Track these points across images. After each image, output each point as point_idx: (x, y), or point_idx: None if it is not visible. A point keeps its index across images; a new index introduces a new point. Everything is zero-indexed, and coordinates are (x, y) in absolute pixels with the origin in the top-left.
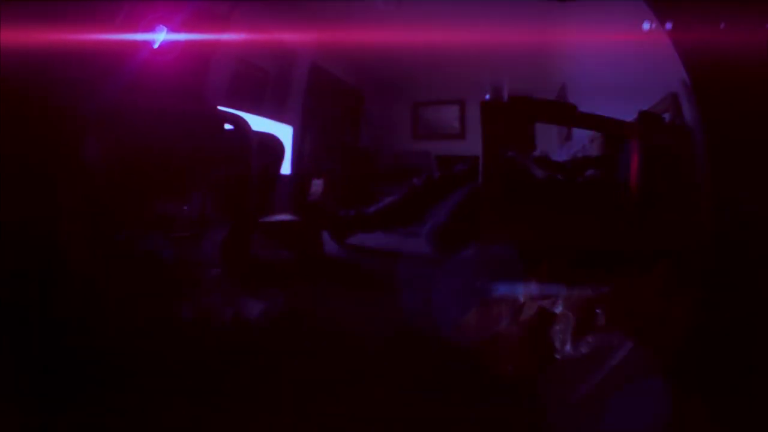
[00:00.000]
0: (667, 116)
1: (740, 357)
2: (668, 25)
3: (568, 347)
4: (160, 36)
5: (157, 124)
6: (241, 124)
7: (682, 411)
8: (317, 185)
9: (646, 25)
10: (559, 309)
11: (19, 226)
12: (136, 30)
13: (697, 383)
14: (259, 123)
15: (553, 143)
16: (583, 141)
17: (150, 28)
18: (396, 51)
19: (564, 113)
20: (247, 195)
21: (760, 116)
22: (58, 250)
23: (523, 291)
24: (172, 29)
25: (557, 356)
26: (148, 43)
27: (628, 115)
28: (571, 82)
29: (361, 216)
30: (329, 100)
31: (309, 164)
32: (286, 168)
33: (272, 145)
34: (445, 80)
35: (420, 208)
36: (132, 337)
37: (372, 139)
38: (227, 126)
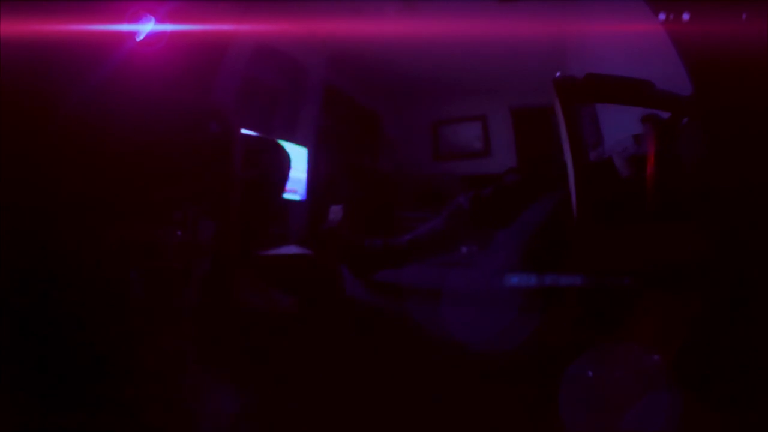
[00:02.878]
0: None
1: (747, 361)
2: (662, 16)
3: None
4: (146, 27)
5: (127, 124)
6: (225, 122)
7: (689, 415)
8: (335, 212)
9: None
10: None
11: (19, 225)
12: (119, 21)
13: (704, 387)
14: None
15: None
16: (620, 143)
17: (136, 19)
18: (411, 65)
19: (642, 91)
20: (228, 214)
21: (760, 111)
22: (58, 250)
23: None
24: (160, 20)
25: None
26: (132, 35)
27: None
28: None
29: (393, 246)
30: (345, 119)
31: (325, 188)
32: (299, 192)
33: (269, 151)
34: (464, 94)
35: (470, 233)
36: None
37: (391, 161)
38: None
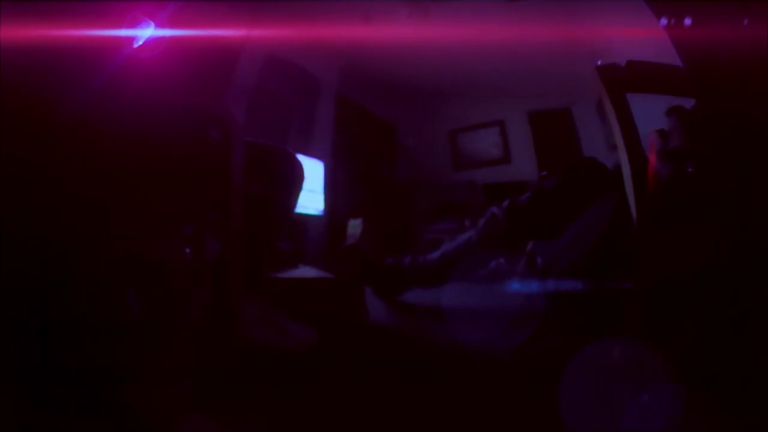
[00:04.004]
0: None
1: (751, 361)
2: (663, 21)
3: None
4: (145, 32)
5: (123, 130)
6: (226, 128)
7: (694, 411)
8: (354, 226)
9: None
10: None
11: (18, 225)
12: (118, 26)
13: (707, 387)
14: None
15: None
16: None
17: (134, 24)
18: (425, 71)
19: (682, 77)
20: (230, 229)
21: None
22: (58, 250)
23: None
24: (159, 26)
25: None
26: (130, 40)
27: None
28: None
29: (423, 263)
30: (360, 130)
31: (344, 202)
32: (316, 207)
33: (278, 160)
34: (479, 99)
35: (507, 245)
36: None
37: (410, 171)
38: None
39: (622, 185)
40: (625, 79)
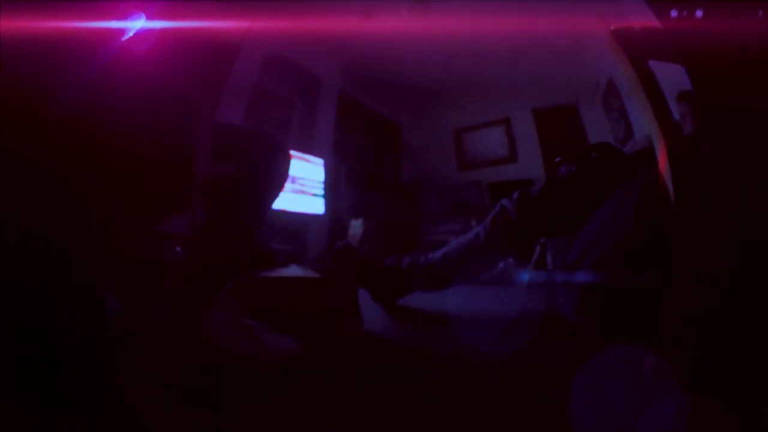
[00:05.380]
0: None
1: (759, 360)
2: (674, 14)
3: None
4: (135, 25)
5: (102, 123)
6: (191, 107)
7: (704, 418)
8: (356, 227)
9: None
10: None
11: (17, 225)
12: (107, 18)
13: (720, 389)
14: None
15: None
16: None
17: (124, 17)
18: (427, 68)
19: (697, 44)
20: (194, 223)
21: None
22: (58, 251)
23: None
24: (151, 18)
25: None
26: (119, 33)
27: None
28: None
29: (424, 264)
30: (363, 130)
31: (345, 202)
32: (317, 206)
33: (254, 145)
34: (484, 96)
35: (517, 242)
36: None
37: (414, 172)
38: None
39: (648, 166)
40: (644, 44)
